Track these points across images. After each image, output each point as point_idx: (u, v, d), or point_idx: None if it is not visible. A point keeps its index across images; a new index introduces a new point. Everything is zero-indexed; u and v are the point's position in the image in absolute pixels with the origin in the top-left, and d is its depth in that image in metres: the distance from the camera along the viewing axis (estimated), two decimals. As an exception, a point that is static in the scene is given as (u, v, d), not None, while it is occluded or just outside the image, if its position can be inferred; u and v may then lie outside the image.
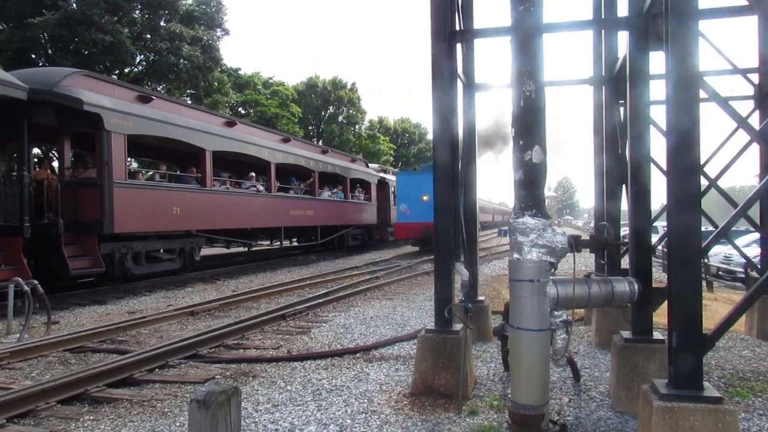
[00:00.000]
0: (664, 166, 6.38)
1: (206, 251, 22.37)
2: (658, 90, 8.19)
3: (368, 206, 27.33)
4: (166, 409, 4.96)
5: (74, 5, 24.21)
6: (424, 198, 22.14)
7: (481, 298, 7.34)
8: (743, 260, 11.28)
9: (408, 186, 23.86)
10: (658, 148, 5.46)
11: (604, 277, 4.53)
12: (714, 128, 8.24)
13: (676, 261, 3.45)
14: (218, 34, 30.63)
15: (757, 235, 15.62)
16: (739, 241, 13.01)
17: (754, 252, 11.97)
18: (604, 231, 4.82)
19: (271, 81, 47.77)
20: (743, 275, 11.68)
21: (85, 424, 4.67)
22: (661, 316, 5.76)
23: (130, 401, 5.19)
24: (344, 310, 10.12)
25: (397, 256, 22.55)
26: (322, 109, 57.22)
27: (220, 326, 8.14)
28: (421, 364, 5.15)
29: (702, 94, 3.65)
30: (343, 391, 5.38)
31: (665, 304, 5.33)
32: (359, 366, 6.28)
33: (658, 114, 6.52)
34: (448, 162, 5.37)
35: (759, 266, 7.68)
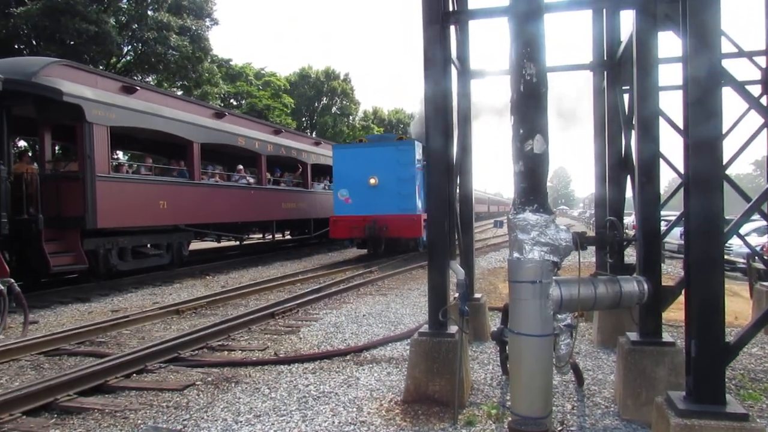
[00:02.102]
0: (671, 158, 6.07)
1: (197, 245, 21.99)
2: (664, 74, 7.83)
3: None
4: (139, 421, 4.61)
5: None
6: (372, 182, 17.18)
7: (477, 295, 7.00)
8: (743, 250, 11.03)
9: (349, 165, 17.64)
10: (664, 137, 5.12)
11: (611, 277, 4.19)
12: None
13: (696, 253, 3.09)
14: (207, 23, 30.03)
15: (755, 225, 15.43)
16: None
17: (753, 242, 11.73)
18: (612, 227, 4.47)
19: (263, 72, 47.15)
20: (744, 265, 11.40)
21: (51, 440, 4.32)
22: (668, 311, 5.44)
23: (101, 411, 4.82)
24: (336, 307, 9.77)
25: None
26: (315, 100, 56.62)
27: (205, 326, 7.78)
28: (414, 369, 4.81)
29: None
30: (331, 398, 5.03)
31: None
32: (349, 369, 5.94)
33: (663, 99, 6.17)
34: (443, 151, 5.00)
35: (766, 257, 7.37)
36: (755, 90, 7.34)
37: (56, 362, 6.57)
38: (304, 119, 55.98)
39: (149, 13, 27.43)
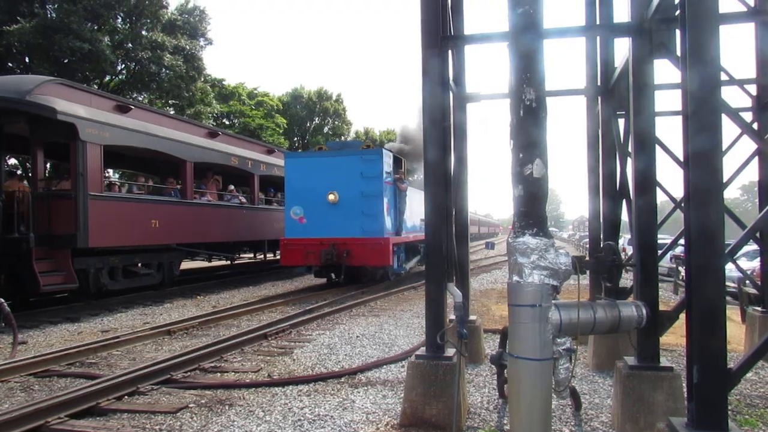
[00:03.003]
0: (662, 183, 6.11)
1: (187, 264, 21.81)
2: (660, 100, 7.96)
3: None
4: (132, 445, 4.53)
5: (52, 13, 23.67)
6: (331, 198, 14.55)
7: (472, 317, 6.99)
8: (734, 275, 11.10)
9: (304, 177, 14.94)
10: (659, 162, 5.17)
11: (610, 301, 4.21)
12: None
13: (697, 270, 3.12)
14: (201, 43, 30.18)
15: (745, 249, 15.57)
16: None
17: (744, 266, 11.81)
18: (610, 251, 4.50)
19: (255, 92, 47.33)
20: (735, 289, 11.46)
21: (41, 464, 4.23)
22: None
23: (93, 435, 4.74)
24: (329, 328, 9.70)
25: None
26: (308, 120, 56.80)
27: (197, 347, 7.69)
28: (411, 392, 4.77)
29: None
30: (327, 421, 4.98)
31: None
32: (344, 392, 5.88)
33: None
34: (441, 171, 5.02)
35: (759, 282, 7.42)
36: (747, 117, 7.48)
37: (46, 384, 6.45)
38: (296, 139, 56.09)
39: (143, 32, 27.56)
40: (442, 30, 5.19)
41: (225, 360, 7.44)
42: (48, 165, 17.66)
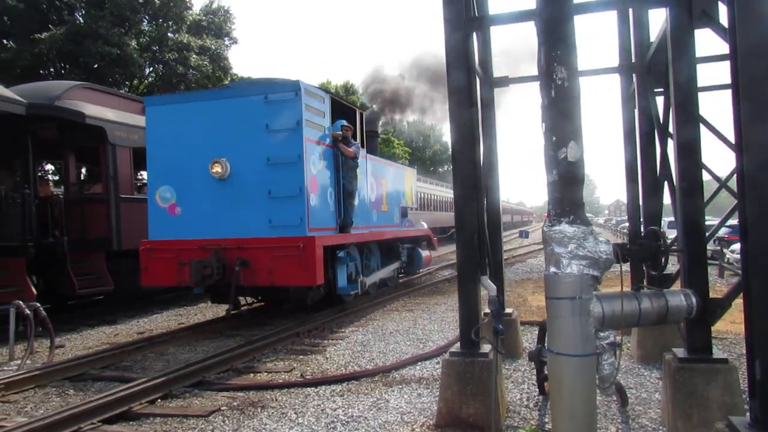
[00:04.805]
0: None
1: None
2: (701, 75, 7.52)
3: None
4: (163, 451, 4.46)
5: (80, 20, 24.06)
6: (216, 170, 8.81)
7: (508, 310, 6.75)
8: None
9: (176, 139, 9.24)
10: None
11: (656, 290, 3.93)
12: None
13: (755, 251, 2.84)
14: (226, 43, 30.40)
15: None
16: None
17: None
18: (654, 237, 4.22)
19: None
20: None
21: (74, 472, 4.19)
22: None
23: (125, 441, 4.69)
24: (362, 324, 9.57)
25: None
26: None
27: (230, 347, 7.64)
28: (447, 391, 4.58)
29: None
30: (361, 423, 4.83)
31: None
32: (378, 391, 5.73)
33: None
34: (470, 159, 4.79)
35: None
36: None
37: (81, 388, 6.46)
38: (324, 134, 56.22)
39: (169, 34, 27.85)
40: (465, 11, 4.95)
41: (257, 360, 7.37)
42: (83, 169, 17.98)
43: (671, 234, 5.77)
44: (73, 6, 24.43)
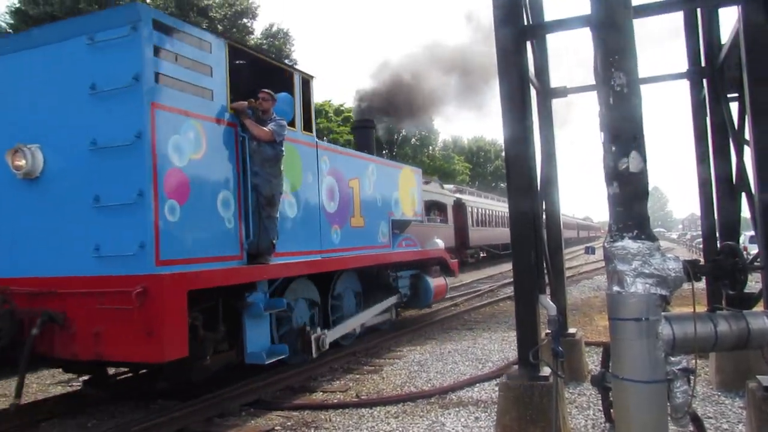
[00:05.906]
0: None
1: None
2: None
3: (445, 228, 26.49)
4: (216, 472, 4.44)
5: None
6: (18, 164, 5.22)
7: (572, 330, 6.42)
8: None
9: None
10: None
11: (734, 312, 3.59)
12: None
13: None
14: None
15: None
16: None
17: None
18: (731, 253, 3.87)
19: (342, 108, 48.29)
20: None
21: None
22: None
23: (180, 460, 4.70)
24: (420, 343, 9.38)
25: (476, 280, 21.57)
26: (395, 132, 57.15)
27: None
28: (504, 416, 4.35)
29: None
30: (415, 447, 4.66)
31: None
32: (434, 413, 5.53)
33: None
34: (527, 180, 4.60)
35: None
36: None
37: (140, 405, 6.58)
38: (384, 151, 56.60)
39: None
40: (519, 20, 4.78)
41: (313, 378, 7.30)
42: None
43: (753, 250, 5.36)
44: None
